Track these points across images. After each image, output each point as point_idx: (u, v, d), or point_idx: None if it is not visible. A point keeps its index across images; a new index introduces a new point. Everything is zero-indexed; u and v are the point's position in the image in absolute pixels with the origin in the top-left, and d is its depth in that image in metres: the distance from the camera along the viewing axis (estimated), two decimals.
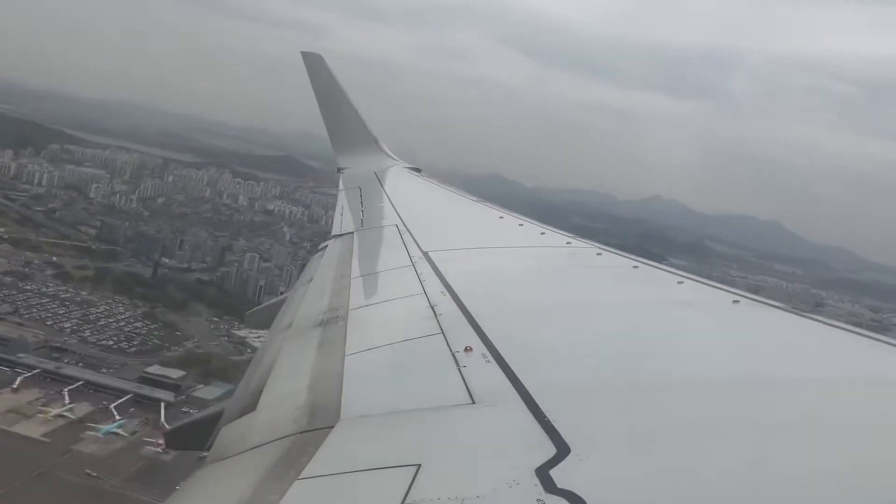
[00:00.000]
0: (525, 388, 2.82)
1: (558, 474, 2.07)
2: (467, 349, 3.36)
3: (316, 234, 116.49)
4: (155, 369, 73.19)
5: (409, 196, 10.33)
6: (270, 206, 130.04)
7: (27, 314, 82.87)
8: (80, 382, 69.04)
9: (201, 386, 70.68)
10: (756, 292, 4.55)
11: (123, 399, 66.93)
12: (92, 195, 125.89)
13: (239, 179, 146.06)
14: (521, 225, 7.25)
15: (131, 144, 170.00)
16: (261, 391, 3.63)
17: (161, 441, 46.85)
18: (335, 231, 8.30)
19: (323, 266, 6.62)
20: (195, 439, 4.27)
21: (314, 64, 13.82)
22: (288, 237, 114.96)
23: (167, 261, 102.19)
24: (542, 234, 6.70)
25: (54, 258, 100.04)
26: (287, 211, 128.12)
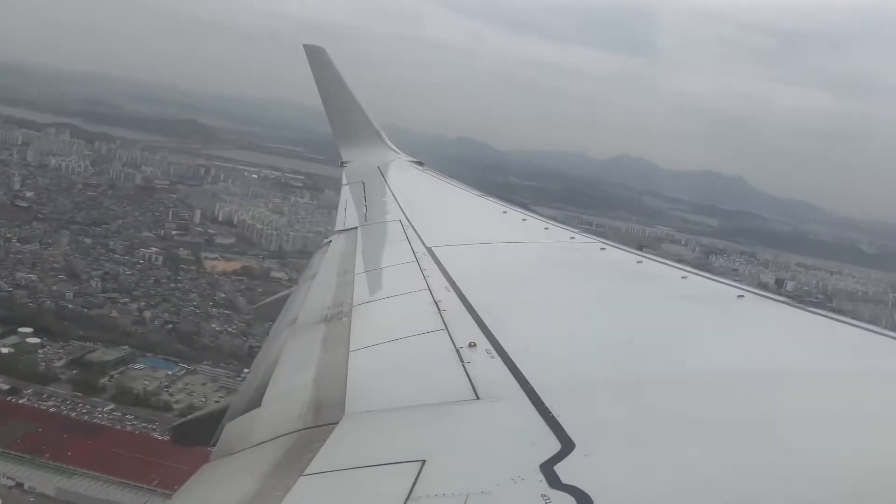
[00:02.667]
0: (529, 383, 2.83)
1: (563, 470, 2.07)
2: (471, 345, 3.37)
3: (57, 178, 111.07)
4: None
5: (412, 190, 10.32)
6: (52, 162, 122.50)
7: None
8: None
9: None
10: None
11: None
12: None
13: (73, 139, 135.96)
14: (524, 220, 7.26)
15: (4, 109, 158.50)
16: (265, 387, 3.63)
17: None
18: (339, 226, 8.33)
19: (327, 261, 6.64)
20: (200, 435, 4.30)
21: (316, 56, 13.65)
22: (18, 186, 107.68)
23: None
24: (546, 228, 6.72)
25: None
26: (64, 165, 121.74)
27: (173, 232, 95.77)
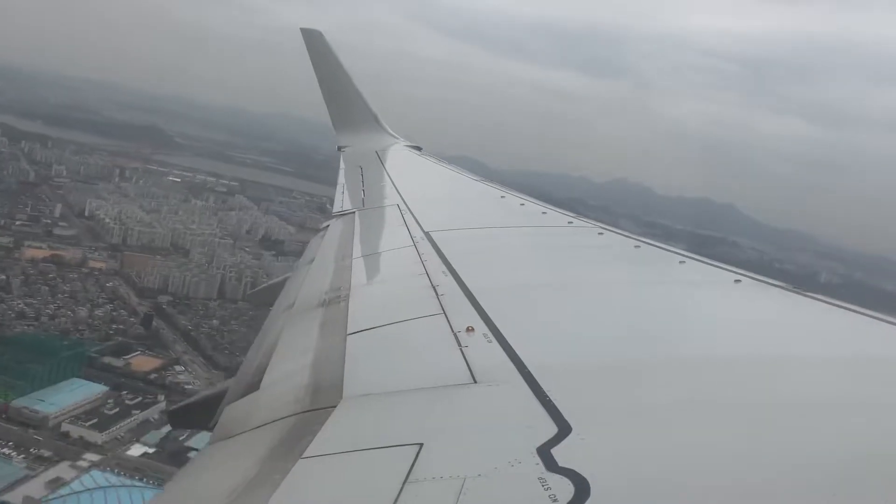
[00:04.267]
0: (526, 367, 2.84)
1: (560, 453, 2.07)
2: (469, 329, 3.36)
3: None
4: None
5: (410, 175, 10.31)
6: None
7: None
8: None
9: None
10: None
11: None
12: None
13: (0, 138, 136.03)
14: (522, 204, 7.27)
15: None
16: (264, 371, 3.61)
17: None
18: (336, 210, 8.25)
19: (324, 246, 6.60)
20: (198, 418, 4.20)
21: (314, 41, 13.55)
22: None
23: None
24: (544, 213, 6.72)
25: None
26: None
27: (18, 222, 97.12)
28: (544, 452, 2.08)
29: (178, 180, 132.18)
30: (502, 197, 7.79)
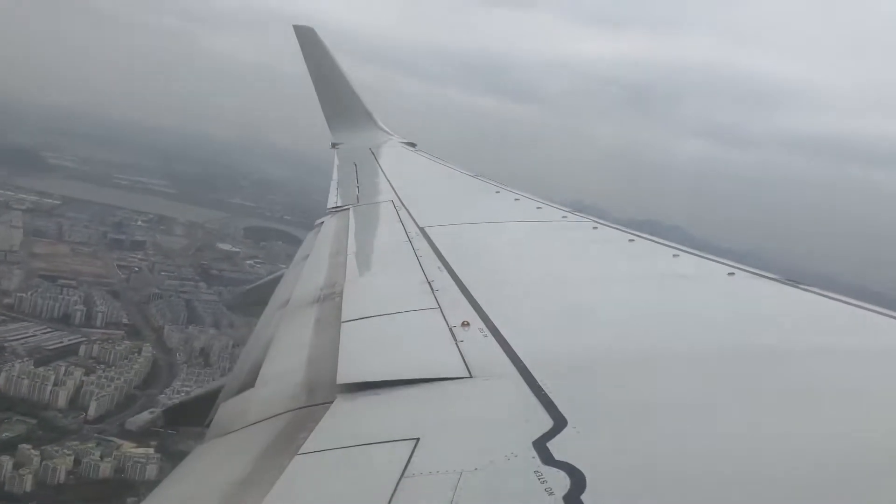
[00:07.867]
0: (522, 361, 2.84)
1: (556, 446, 2.08)
2: (464, 324, 3.37)
3: None
4: None
5: (404, 171, 10.32)
6: None
7: None
8: None
9: None
10: None
11: None
12: None
13: None
14: (517, 199, 7.27)
15: None
16: (259, 367, 3.63)
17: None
18: (330, 206, 8.27)
19: (319, 242, 6.62)
20: (194, 416, 4.31)
21: (306, 37, 13.61)
22: None
23: None
24: (539, 208, 6.72)
25: None
26: None
27: None
28: (540, 446, 2.08)
29: None
30: (497, 192, 7.80)
